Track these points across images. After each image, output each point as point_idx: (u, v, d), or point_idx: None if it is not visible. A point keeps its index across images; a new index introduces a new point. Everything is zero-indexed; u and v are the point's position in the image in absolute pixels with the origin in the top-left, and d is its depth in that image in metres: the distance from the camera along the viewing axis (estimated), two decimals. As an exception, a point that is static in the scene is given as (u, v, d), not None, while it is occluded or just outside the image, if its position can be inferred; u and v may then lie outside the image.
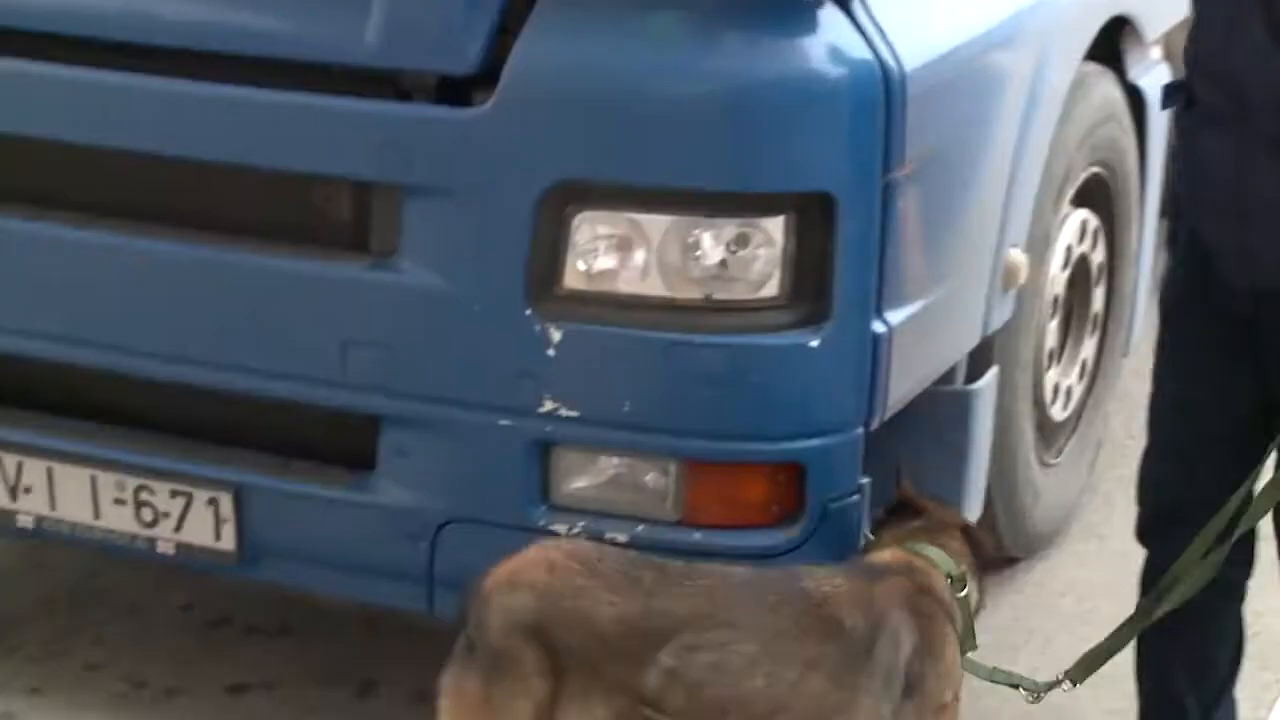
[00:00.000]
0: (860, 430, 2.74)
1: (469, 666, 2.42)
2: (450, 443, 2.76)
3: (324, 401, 2.80)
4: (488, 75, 2.61)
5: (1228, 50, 2.50)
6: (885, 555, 2.63)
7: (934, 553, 2.62)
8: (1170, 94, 2.74)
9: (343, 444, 2.85)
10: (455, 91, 2.65)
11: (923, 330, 2.87)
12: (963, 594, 2.60)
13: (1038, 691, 2.72)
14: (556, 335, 2.65)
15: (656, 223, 2.62)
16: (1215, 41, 2.53)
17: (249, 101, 2.72)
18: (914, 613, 2.50)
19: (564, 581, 2.41)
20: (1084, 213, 3.65)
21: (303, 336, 2.77)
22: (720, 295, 2.64)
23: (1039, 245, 3.38)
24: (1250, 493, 2.60)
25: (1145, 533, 2.85)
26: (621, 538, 2.73)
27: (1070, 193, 3.53)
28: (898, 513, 2.74)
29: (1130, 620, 2.73)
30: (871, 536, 2.74)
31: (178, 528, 2.91)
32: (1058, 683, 2.74)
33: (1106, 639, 2.74)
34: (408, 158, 2.64)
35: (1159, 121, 3.95)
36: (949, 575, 2.59)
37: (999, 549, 3.03)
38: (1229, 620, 2.85)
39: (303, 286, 2.76)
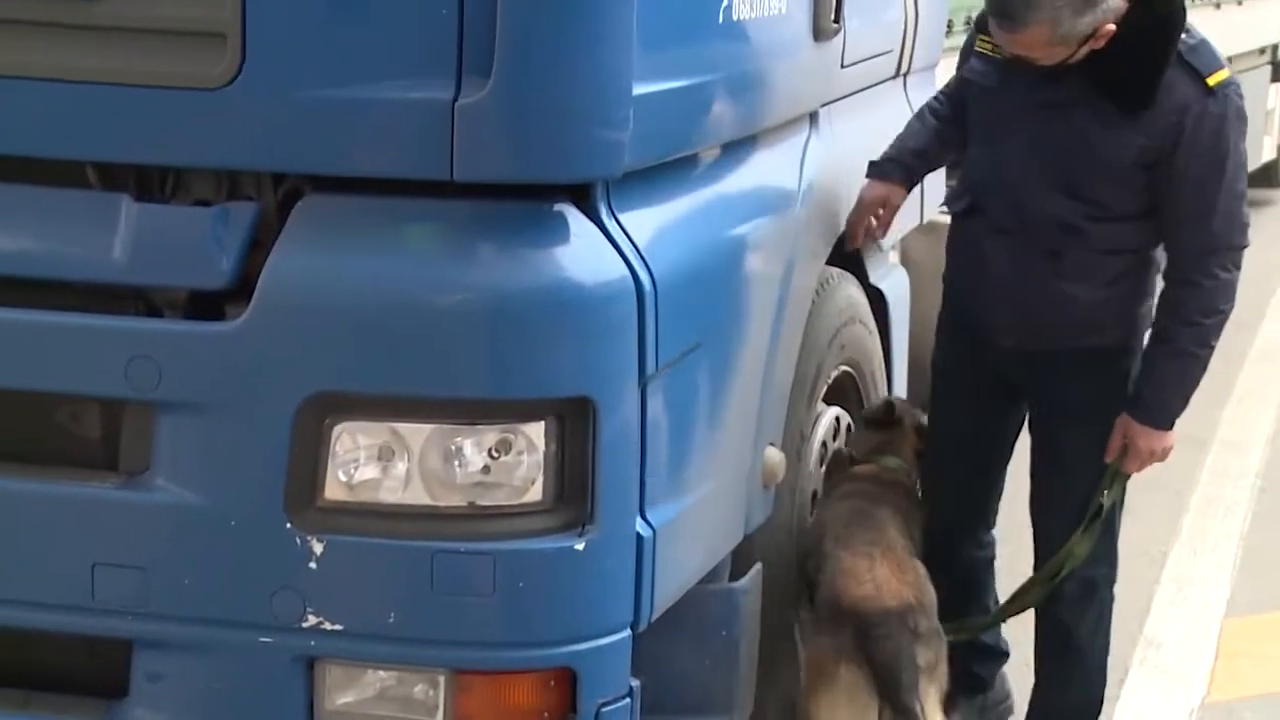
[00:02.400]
0: (629, 632, 2.69)
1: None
2: (209, 664, 2.62)
3: (71, 629, 2.64)
4: (240, 289, 2.54)
5: (1018, 183, 3.31)
6: (870, 470, 3.62)
7: (895, 462, 3.65)
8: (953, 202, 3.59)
9: (92, 672, 2.68)
10: (207, 305, 2.57)
11: (686, 530, 2.85)
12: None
13: None
14: (318, 548, 2.56)
15: (417, 431, 2.56)
16: (995, 167, 3.35)
17: (-10, 321, 2.60)
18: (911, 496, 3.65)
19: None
20: (836, 410, 3.70)
21: (47, 561, 2.62)
22: (484, 502, 2.58)
23: (795, 442, 3.41)
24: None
25: (928, 545, 3.59)
26: (391, 753, 2.61)
27: (822, 391, 3.58)
28: (881, 421, 3.73)
29: (1015, 599, 3.61)
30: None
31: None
32: None
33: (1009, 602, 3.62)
34: (159, 374, 2.54)
35: (900, 321, 4.05)
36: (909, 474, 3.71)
37: None
38: (992, 580, 3.80)
39: (47, 509, 2.61)
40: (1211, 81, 3.16)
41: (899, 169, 3.62)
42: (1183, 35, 3.16)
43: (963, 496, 3.65)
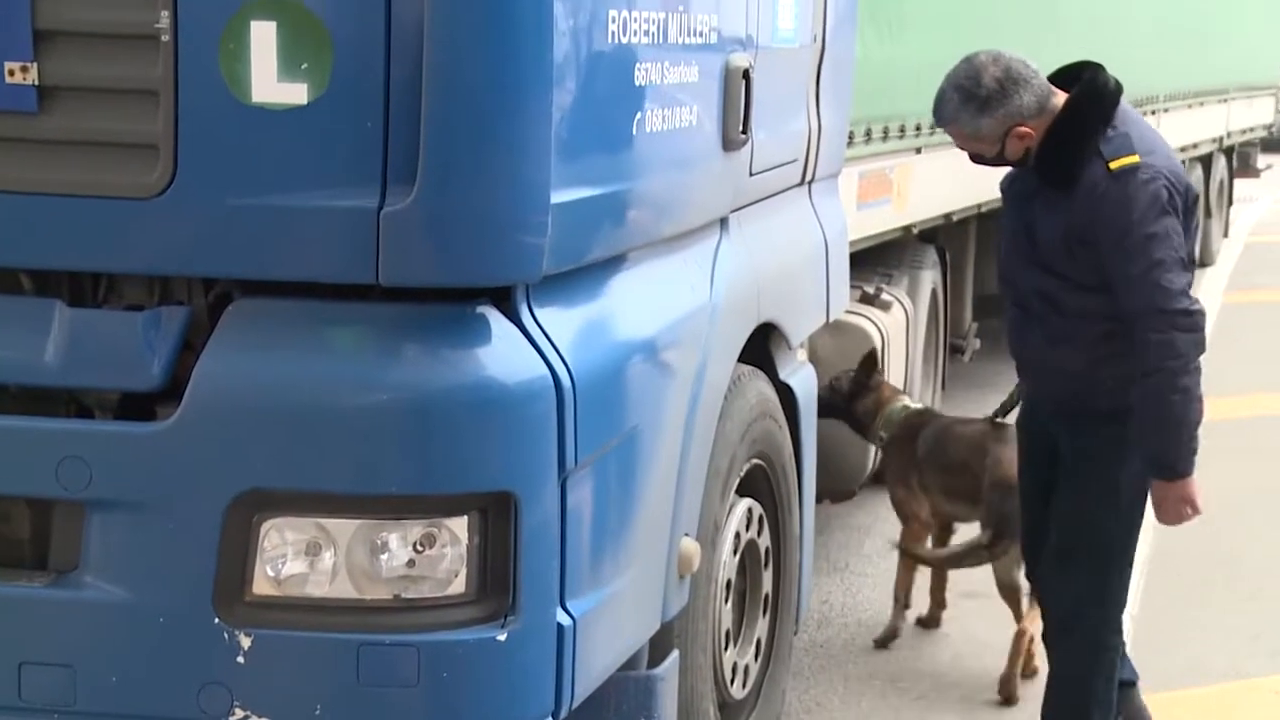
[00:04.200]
0: (550, 720, 2.66)
1: None
2: (136, 760, 2.55)
3: (-3, 727, 2.56)
4: (171, 390, 2.52)
5: (1011, 261, 3.75)
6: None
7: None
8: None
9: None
10: (139, 406, 2.54)
11: (606, 620, 2.83)
12: None
13: None
14: (246, 642, 2.52)
15: (344, 527, 2.54)
16: (1005, 255, 3.78)
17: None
18: None
19: None
20: (749, 501, 3.70)
21: (-26, 660, 2.55)
22: (408, 594, 2.56)
23: (709, 533, 3.40)
24: None
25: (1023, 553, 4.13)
26: (317, 845, 2.55)
27: (735, 483, 3.58)
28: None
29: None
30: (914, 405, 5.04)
31: None
32: None
33: None
34: (90, 474, 2.51)
35: (809, 416, 4.07)
36: None
37: None
38: None
39: (-25, 608, 2.55)
40: (1113, 166, 3.50)
41: None
42: (1108, 130, 3.55)
43: (1038, 535, 3.89)
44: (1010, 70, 3.52)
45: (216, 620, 2.51)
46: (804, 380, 4.06)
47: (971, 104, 3.51)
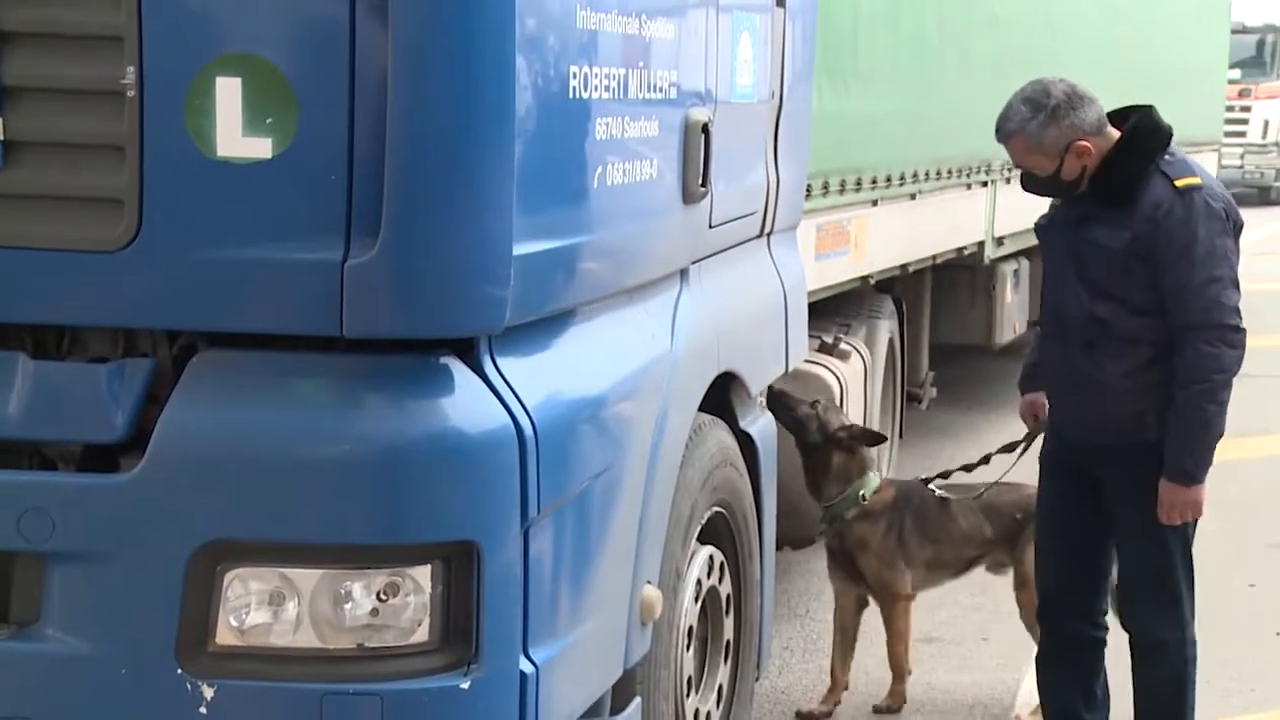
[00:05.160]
0: (513, 768, 2.62)
1: None
2: (98, 813, 2.50)
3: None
4: (135, 441, 2.49)
5: (1058, 291, 3.85)
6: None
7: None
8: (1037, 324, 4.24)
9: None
10: (102, 458, 2.51)
11: (569, 667, 2.80)
12: None
13: None
14: (209, 693, 2.48)
15: (308, 576, 2.51)
16: (1052, 288, 3.90)
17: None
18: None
19: None
20: (710, 549, 3.68)
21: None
22: (372, 643, 2.53)
23: (671, 580, 3.38)
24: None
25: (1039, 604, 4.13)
26: None
27: (696, 530, 3.56)
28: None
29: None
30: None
31: None
32: None
33: None
34: (52, 526, 2.47)
35: (769, 464, 4.07)
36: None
37: None
38: (1101, 661, 4.04)
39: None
40: (1179, 184, 3.69)
41: (1026, 382, 4.15)
42: (1166, 155, 3.73)
43: (1059, 568, 3.97)
44: (1076, 88, 3.71)
45: (179, 671, 2.47)
46: (764, 429, 4.05)
47: (1040, 114, 3.65)
